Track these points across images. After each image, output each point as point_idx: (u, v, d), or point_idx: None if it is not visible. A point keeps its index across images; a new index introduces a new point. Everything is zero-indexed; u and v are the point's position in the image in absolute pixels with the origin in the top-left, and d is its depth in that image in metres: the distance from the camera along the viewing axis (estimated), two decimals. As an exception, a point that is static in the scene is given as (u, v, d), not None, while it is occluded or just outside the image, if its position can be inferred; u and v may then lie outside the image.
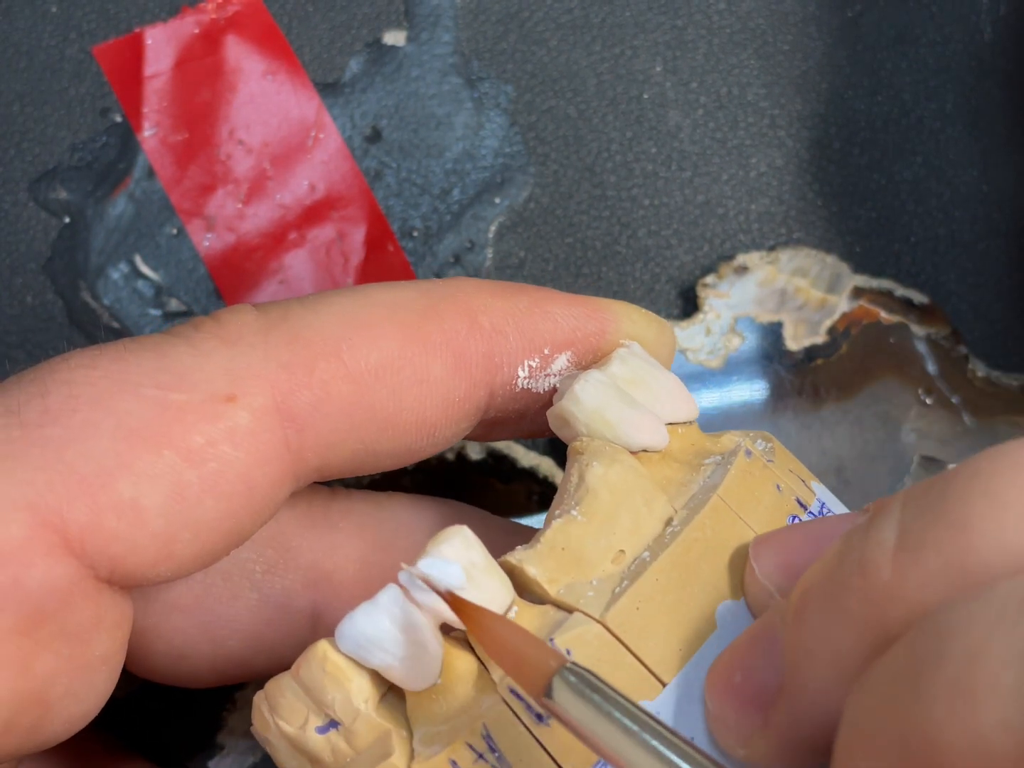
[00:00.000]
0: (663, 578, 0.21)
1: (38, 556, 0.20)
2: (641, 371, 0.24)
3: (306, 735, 0.22)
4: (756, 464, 0.23)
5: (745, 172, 0.34)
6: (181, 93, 0.33)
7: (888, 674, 0.17)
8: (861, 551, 0.18)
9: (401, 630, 0.21)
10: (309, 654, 0.21)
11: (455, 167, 0.34)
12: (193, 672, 0.26)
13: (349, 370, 0.23)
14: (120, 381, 0.21)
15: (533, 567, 0.21)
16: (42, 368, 0.22)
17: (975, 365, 0.33)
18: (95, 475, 0.21)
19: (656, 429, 0.24)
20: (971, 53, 0.35)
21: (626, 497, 0.22)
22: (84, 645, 0.22)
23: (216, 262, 0.33)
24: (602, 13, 0.34)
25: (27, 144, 0.33)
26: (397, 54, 0.34)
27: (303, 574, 0.25)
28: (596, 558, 0.22)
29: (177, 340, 0.22)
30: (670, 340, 0.26)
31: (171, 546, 0.21)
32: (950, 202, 0.34)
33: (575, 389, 0.23)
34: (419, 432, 0.24)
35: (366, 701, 0.21)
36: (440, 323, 0.24)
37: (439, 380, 0.23)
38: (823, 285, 0.33)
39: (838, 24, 0.35)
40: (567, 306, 0.25)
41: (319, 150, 0.34)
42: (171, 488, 0.21)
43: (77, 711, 0.22)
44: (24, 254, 0.33)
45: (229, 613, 0.25)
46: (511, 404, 0.25)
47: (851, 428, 0.33)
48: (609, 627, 0.21)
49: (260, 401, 0.22)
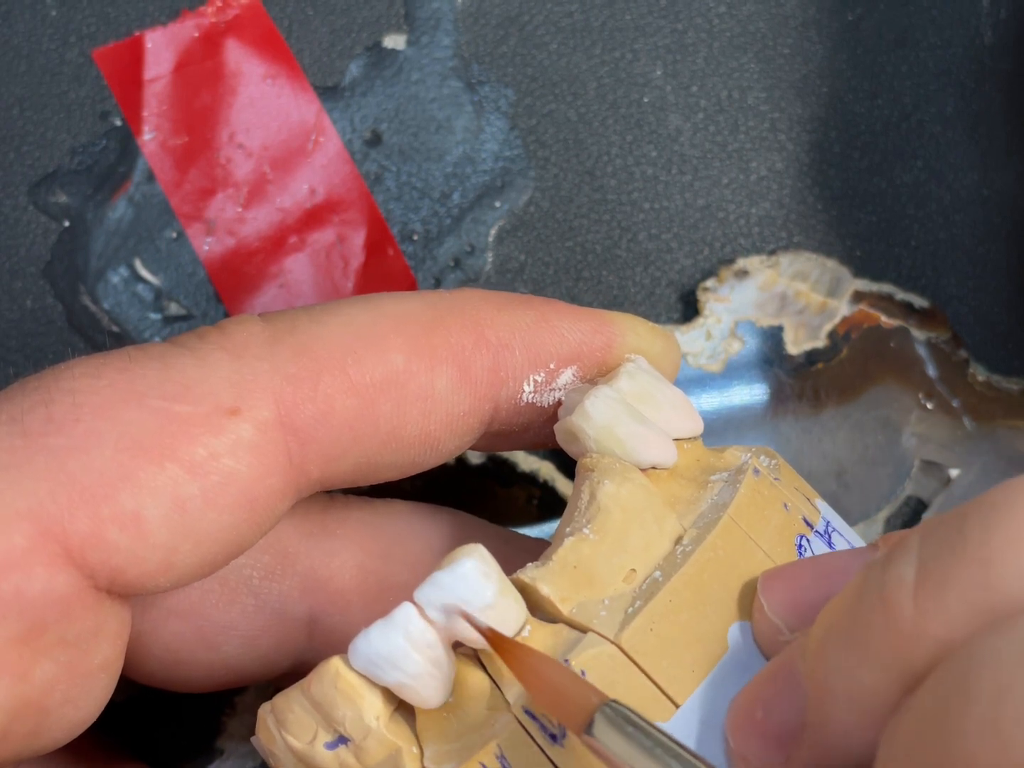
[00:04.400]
0: (676, 599, 0.21)
1: (40, 566, 0.20)
2: (649, 387, 0.24)
3: (314, 750, 0.22)
4: (764, 483, 0.23)
5: (745, 176, 0.34)
6: (181, 97, 0.33)
7: (918, 714, 0.17)
8: (881, 588, 0.19)
9: (415, 648, 0.21)
10: (321, 670, 0.21)
11: (455, 171, 0.34)
12: (189, 677, 0.26)
13: (354, 384, 0.23)
14: (124, 391, 0.21)
15: (546, 586, 0.21)
16: (46, 376, 0.22)
17: (976, 369, 0.33)
18: (98, 486, 0.21)
19: (665, 446, 0.24)
20: (971, 57, 0.35)
21: (637, 515, 0.22)
22: (84, 653, 0.22)
23: (216, 266, 0.33)
24: (602, 17, 0.34)
25: (27, 148, 0.33)
26: (397, 58, 0.34)
27: (300, 581, 0.25)
28: (608, 577, 0.22)
29: (182, 351, 0.22)
30: (675, 353, 0.26)
31: (172, 558, 0.21)
32: (950, 206, 0.34)
33: (585, 405, 0.23)
34: (422, 446, 0.24)
35: (377, 718, 0.21)
36: (446, 337, 0.23)
37: (444, 394, 0.23)
38: (823, 289, 0.33)
39: (838, 28, 0.35)
40: (574, 320, 0.24)
41: (319, 154, 0.34)
42: (173, 500, 0.21)
43: (75, 717, 0.22)
44: (24, 258, 0.33)
45: (226, 618, 0.25)
46: (515, 418, 0.25)
47: (851, 432, 0.33)
48: (624, 648, 0.21)
49: (264, 414, 0.22)
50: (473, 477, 0.32)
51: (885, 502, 0.33)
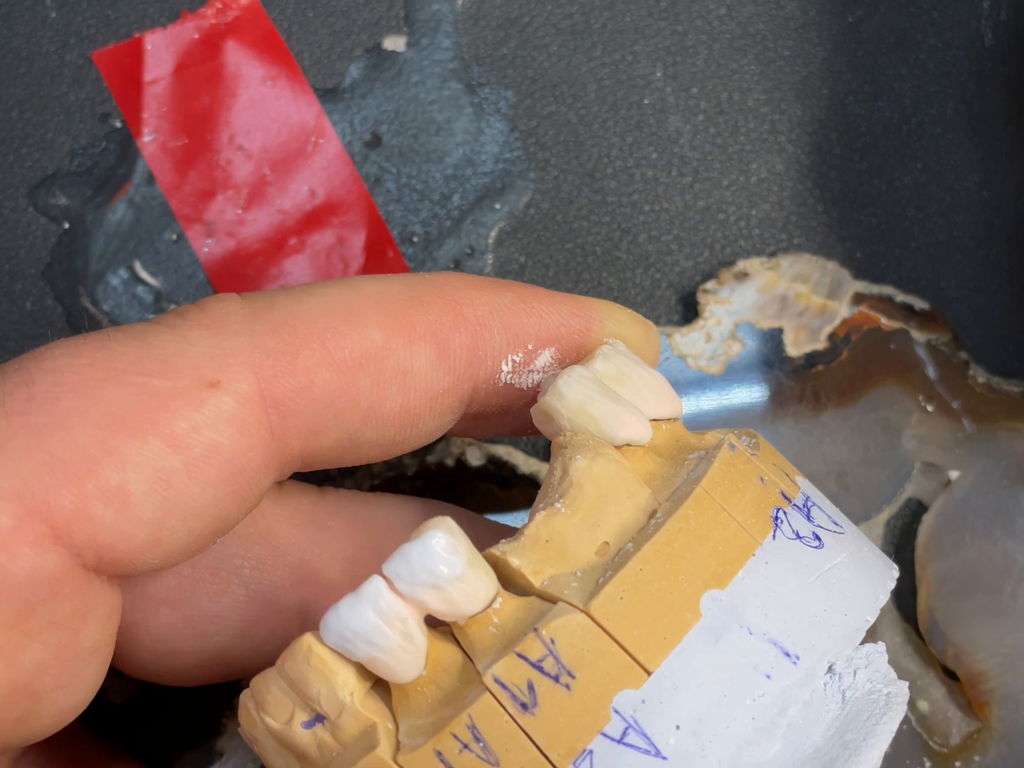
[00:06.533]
0: (647, 568, 0.21)
1: (25, 546, 0.20)
2: (625, 368, 0.24)
3: (292, 730, 0.22)
4: (740, 458, 0.23)
5: (746, 178, 0.34)
6: (181, 98, 0.33)
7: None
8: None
9: (386, 622, 0.21)
10: (294, 647, 0.21)
11: (455, 173, 0.34)
12: (180, 669, 0.26)
13: (333, 358, 0.23)
14: (105, 369, 0.21)
15: (517, 558, 0.21)
16: (27, 358, 0.22)
17: (976, 371, 0.33)
18: (80, 462, 0.21)
19: (640, 423, 0.24)
20: (972, 58, 0.35)
21: (610, 490, 0.22)
22: (73, 636, 0.22)
23: (216, 268, 0.33)
24: (602, 18, 0.34)
25: (26, 150, 0.33)
26: (397, 59, 0.34)
27: (291, 571, 0.25)
28: (580, 550, 0.22)
29: (161, 328, 0.22)
30: (655, 340, 0.26)
31: (158, 533, 0.21)
32: (951, 208, 0.34)
33: (558, 384, 0.23)
34: (402, 423, 0.24)
35: (351, 694, 0.21)
36: (425, 314, 0.24)
37: (423, 371, 0.23)
38: (824, 291, 0.33)
39: (839, 29, 0.35)
40: (552, 303, 0.25)
41: (319, 156, 0.33)
42: (157, 474, 0.21)
43: (66, 703, 0.22)
44: (23, 260, 0.33)
45: (216, 609, 0.25)
46: (494, 399, 0.25)
47: (852, 434, 0.33)
48: (593, 616, 0.21)
49: (244, 387, 0.22)
50: (473, 479, 0.32)
51: (885, 504, 0.33)
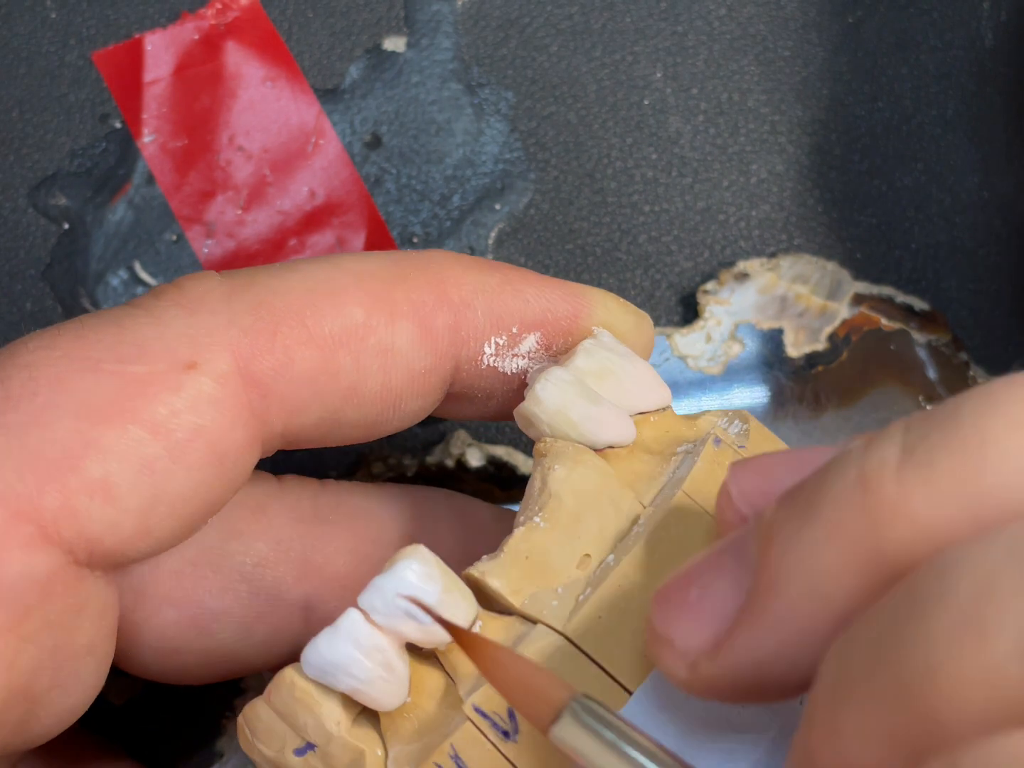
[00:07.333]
0: (626, 583, 0.21)
1: (15, 548, 0.20)
2: (608, 362, 0.24)
3: (285, 757, 0.22)
4: (725, 454, 0.23)
5: (746, 178, 0.34)
6: (181, 99, 0.33)
7: (887, 613, 0.16)
8: (860, 466, 0.17)
9: (364, 654, 0.21)
10: (278, 680, 0.21)
11: (455, 173, 0.34)
12: (184, 667, 0.25)
13: (312, 336, 0.23)
14: (80, 359, 0.21)
15: (496, 579, 0.21)
16: (2, 354, 0.22)
17: (976, 372, 0.33)
18: (62, 458, 0.20)
19: (622, 424, 0.23)
20: (972, 59, 0.35)
21: (590, 499, 0.22)
22: (68, 635, 0.21)
23: (216, 268, 0.33)
24: (602, 19, 0.34)
25: (27, 150, 0.33)
26: (397, 60, 0.34)
27: (294, 567, 0.25)
28: (561, 565, 0.21)
29: (137, 311, 0.22)
30: (647, 331, 0.25)
31: (147, 521, 0.21)
32: (951, 208, 0.34)
33: (536, 389, 0.23)
34: (384, 402, 0.24)
35: (338, 723, 0.21)
36: (407, 292, 0.23)
37: (404, 350, 0.23)
38: (824, 292, 0.33)
39: (839, 30, 0.35)
40: (541, 288, 0.24)
41: (319, 156, 0.33)
42: (140, 462, 0.21)
43: (65, 705, 0.22)
44: (23, 260, 0.33)
45: (220, 606, 0.25)
46: (477, 381, 0.25)
47: (852, 434, 0.33)
48: (571, 638, 0.21)
49: (222, 367, 0.22)
50: (473, 480, 0.32)
51: (885, 505, 0.33)
